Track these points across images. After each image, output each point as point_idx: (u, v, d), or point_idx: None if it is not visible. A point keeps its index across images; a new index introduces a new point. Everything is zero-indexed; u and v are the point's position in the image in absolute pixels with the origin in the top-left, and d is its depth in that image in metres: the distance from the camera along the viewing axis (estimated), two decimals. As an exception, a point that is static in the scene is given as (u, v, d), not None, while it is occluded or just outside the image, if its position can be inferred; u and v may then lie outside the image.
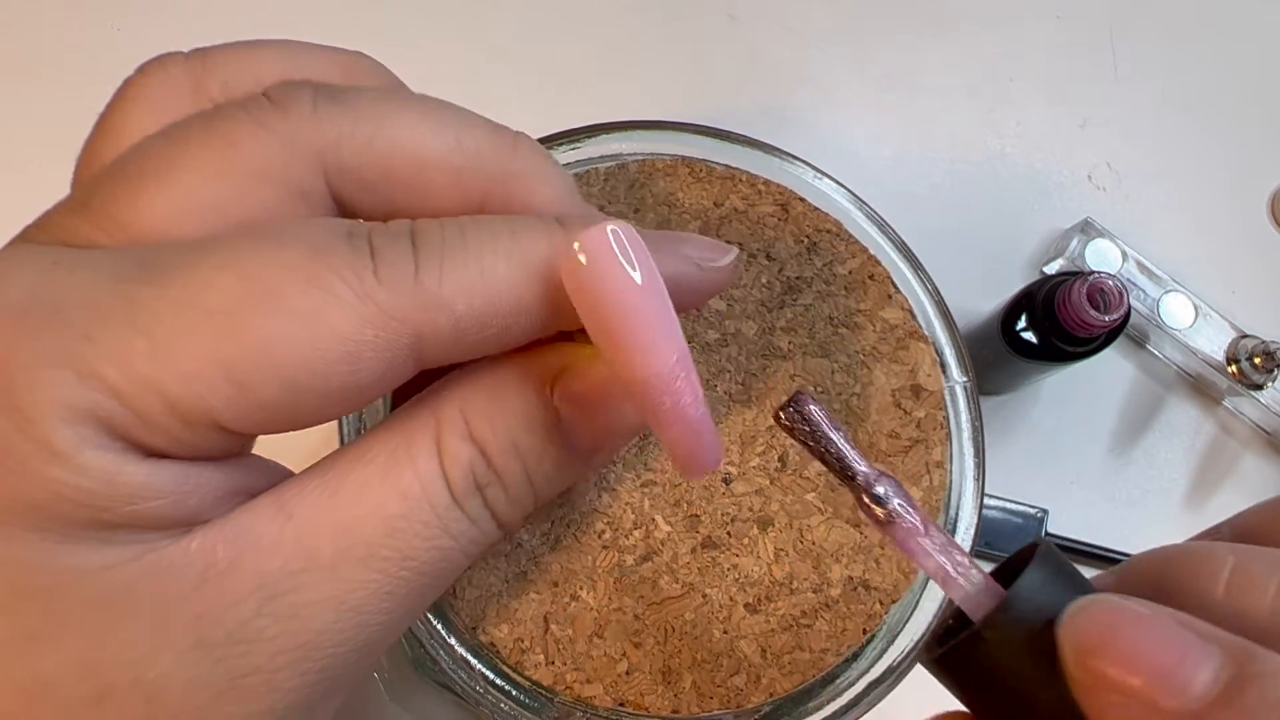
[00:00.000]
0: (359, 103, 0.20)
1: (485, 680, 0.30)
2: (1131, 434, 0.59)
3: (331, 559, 0.18)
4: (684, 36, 0.64)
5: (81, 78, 0.59)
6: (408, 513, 0.19)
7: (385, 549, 0.19)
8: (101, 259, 0.18)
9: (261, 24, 0.61)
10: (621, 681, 0.30)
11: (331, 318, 0.17)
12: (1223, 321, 0.58)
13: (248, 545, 0.18)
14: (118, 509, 0.17)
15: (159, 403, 0.17)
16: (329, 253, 0.18)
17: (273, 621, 0.18)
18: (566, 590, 0.31)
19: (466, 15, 0.63)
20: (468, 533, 0.20)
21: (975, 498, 0.33)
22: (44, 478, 0.16)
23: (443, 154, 0.21)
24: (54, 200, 0.20)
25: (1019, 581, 0.18)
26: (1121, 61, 0.66)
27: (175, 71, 0.22)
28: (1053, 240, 0.61)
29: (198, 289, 0.17)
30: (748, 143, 0.36)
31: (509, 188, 0.21)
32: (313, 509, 0.19)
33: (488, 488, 0.20)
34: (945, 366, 0.34)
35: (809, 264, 0.35)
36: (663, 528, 0.31)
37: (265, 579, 0.18)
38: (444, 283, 0.18)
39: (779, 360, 0.33)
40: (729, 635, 0.30)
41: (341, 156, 0.20)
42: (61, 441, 0.16)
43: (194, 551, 0.18)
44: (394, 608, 0.19)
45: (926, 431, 0.33)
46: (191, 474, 0.18)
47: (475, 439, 0.20)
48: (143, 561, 0.17)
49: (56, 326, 0.17)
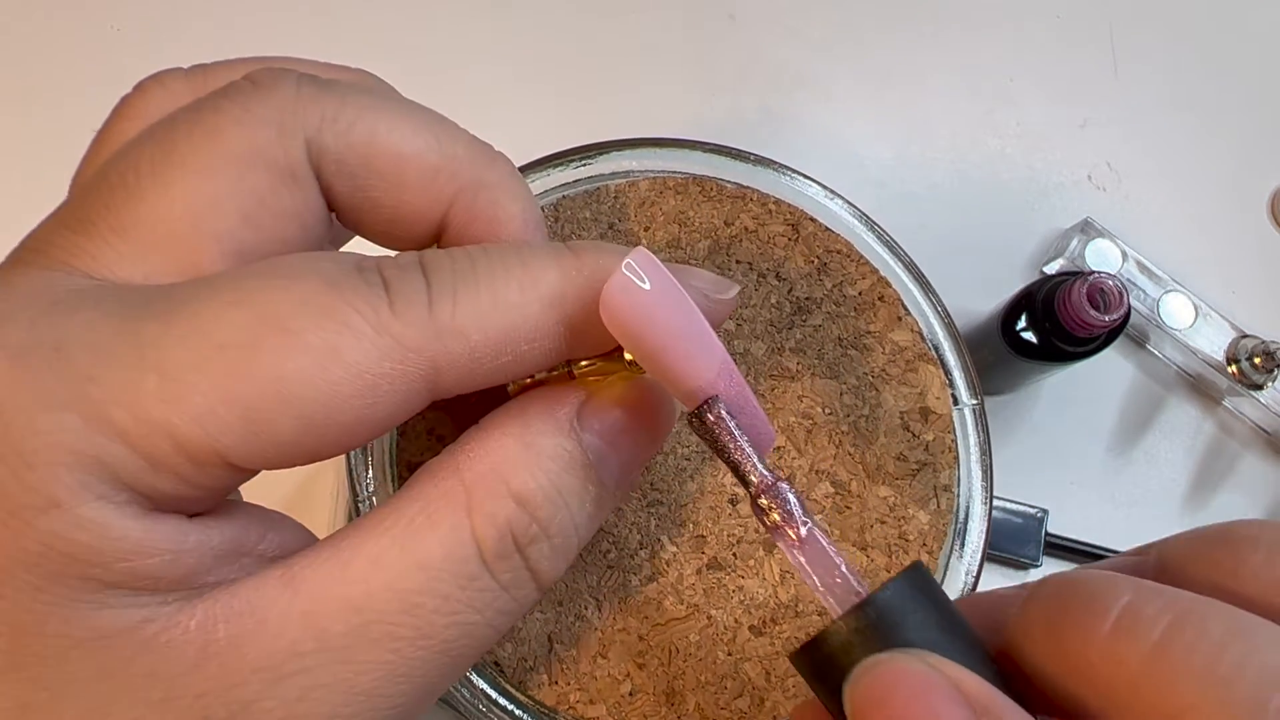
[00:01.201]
0: (343, 92, 0.20)
1: (487, 699, 0.30)
2: (1131, 434, 0.59)
3: (342, 639, 0.17)
4: (684, 37, 0.64)
5: (81, 78, 0.59)
6: (426, 587, 0.18)
7: (401, 628, 0.18)
8: (105, 295, 0.18)
9: (262, 25, 0.61)
10: (625, 703, 0.30)
11: (348, 352, 0.17)
12: (1223, 321, 0.58)
13: (252, 622, 0.17)
14: (113, 565, 0.16)
15: (168, 444, 0.16)
16: (343, 286, 0.18)
17: (279, 704, 0.17)
18: (571, 609, 0.31)
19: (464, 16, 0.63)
20: (495, 603, 0.19)
21: (982, 521, 0.33)
22: (38, 529, 0.16)
23: (421, 151, 0.21)
24: (52, 200, 0.20)
25: (873, 594, 0.18)
26: (1121, 61, 0.66)
27: (175, 87, 0.22)
28: (1053, 240, 0.61)
29: (208, 324, 0.17)
30: (759, 161, 0.36)
31: (479, 196, 0.21)
32: (323, 583, 0.18)
33: (530, 545, 0.19)
34: (954, 389, 0.34)
35: (819, 285, 0.35)
36: (668, 548, 0.31)
37: (271, 660, 0.17)
38: (458, 313, 0.18)
39: (787, 381, 0.33)
40: (733, 657, 0.30)
41: (324, 139, 0.20)
42: (63, 490, 0.16)
43: (193, 628, 0.17)
44: (409, 690, 0.18)
45: (935, 455, 0.33)
46: (191, 532, 0.17)
47: (517, 492, 0.19)
48: (140, 633, 0.17)
49: (58, 367, 0.16)
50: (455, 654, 0.19)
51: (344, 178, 0.21)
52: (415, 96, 0.23)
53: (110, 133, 0.21)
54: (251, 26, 0.61)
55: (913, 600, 0.19)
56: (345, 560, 0.18)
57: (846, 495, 0.32)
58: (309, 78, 0.20)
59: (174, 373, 0.16)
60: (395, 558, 0.18)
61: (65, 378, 0.16)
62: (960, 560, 0.32)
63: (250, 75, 0.20)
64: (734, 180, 0.36)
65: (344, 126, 0.20)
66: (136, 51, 0.60)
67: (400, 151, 0.21)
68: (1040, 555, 0.53)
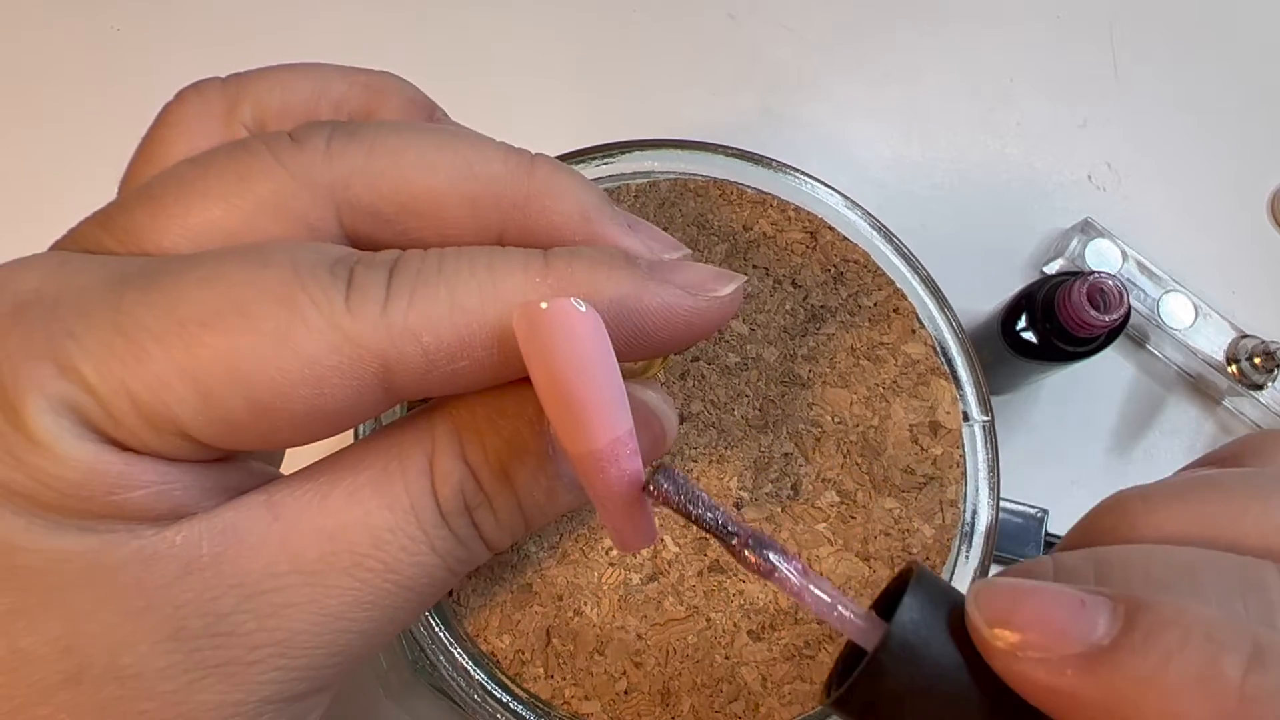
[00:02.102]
0: (372, 137, 0.21)
1: (483, 690, 0.30)
2: (1132, 434, 0.59)
3: (315, 564, 0.19)
4: (684, 37, 0.64)
5: (82, 78, 0.59)
6: (394, 526, 0.19)
7: (370, 559, 0.19)
8: (108, 262, 0.19)
9: (263, 26, 0.61)
10: (620, 700, 0.30)
11: (297, 340, 0.18)
12: (1223, 321, 0.58)
13: (233, 541, 0.18)
14: (99, 498, 0.17)
15: (127, 403, 0.17)
16: (307, 277, 0.18)
17: (251, 618, 0.18)
18: (570, 605, 0.31)
19: (459, 15, 0.63)
20: (454, 551, 0.21)
21: (987, 539, 0.33)
22: (28, 464, 0.17)
23: (456, 183, 0.21)
24: (54, 192, 0.21)
25: (902, 603, 0.19)
26: (1121, 61, 0.66)
27: (211, 97, 0.23)
28: (1053, 240, 0.61)
29: (177, 298, 0.18)
30: (780, 167, 0.36)
31: (528, 209, 0.22)
32: (301, 512, 0.19)
33: (477, 509, 0.21)
34: (965, 405, 0.34)
35: (834, 293, 0.35)
36: (671, 548, 0.31)
37: (248, 576, 0.18)
38: (411, 314, 0.18)
39: (798, 388, 0.33)
40: (730, 661, 0.30)
41: (354, 192, 0.20)
42: (41, 430, 0.17)
43: (178, 544, 0.18)
44: (375, 618, 0.20)
45: (942, 469, 0.33)
46: (175, 469, 0.18)
47: (467, 460, 0.20)
48: (126, 549, 0.18)
49: (46, 320, 0.17)
50: (417, 590, 0.20)
51: (384, 226, 0.21)
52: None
53: (151, 138, 0.23)
54: (252, 27, 0.61)
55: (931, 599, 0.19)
56: (324, 493, 0.19)
57: (852, 505, 0.32)
58: (341, 129, 0.21)
59: (139, 339, 0.17)
60: (368, 495, 0.19)
61: (51, 331, 0.17)
62: (964, 576, 0.32)
63: (292, 132, 0.21)
64: (754, 185, 0.36)
65: (373, 178, 0.21)
66: (136, 51, 0.60)
67: (434, 189, 0.21)
68: (1040, 555, 0.53)
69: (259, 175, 0.20)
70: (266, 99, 0.23)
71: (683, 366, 0.33)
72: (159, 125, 0.23)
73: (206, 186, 0.20)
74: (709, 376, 0.33)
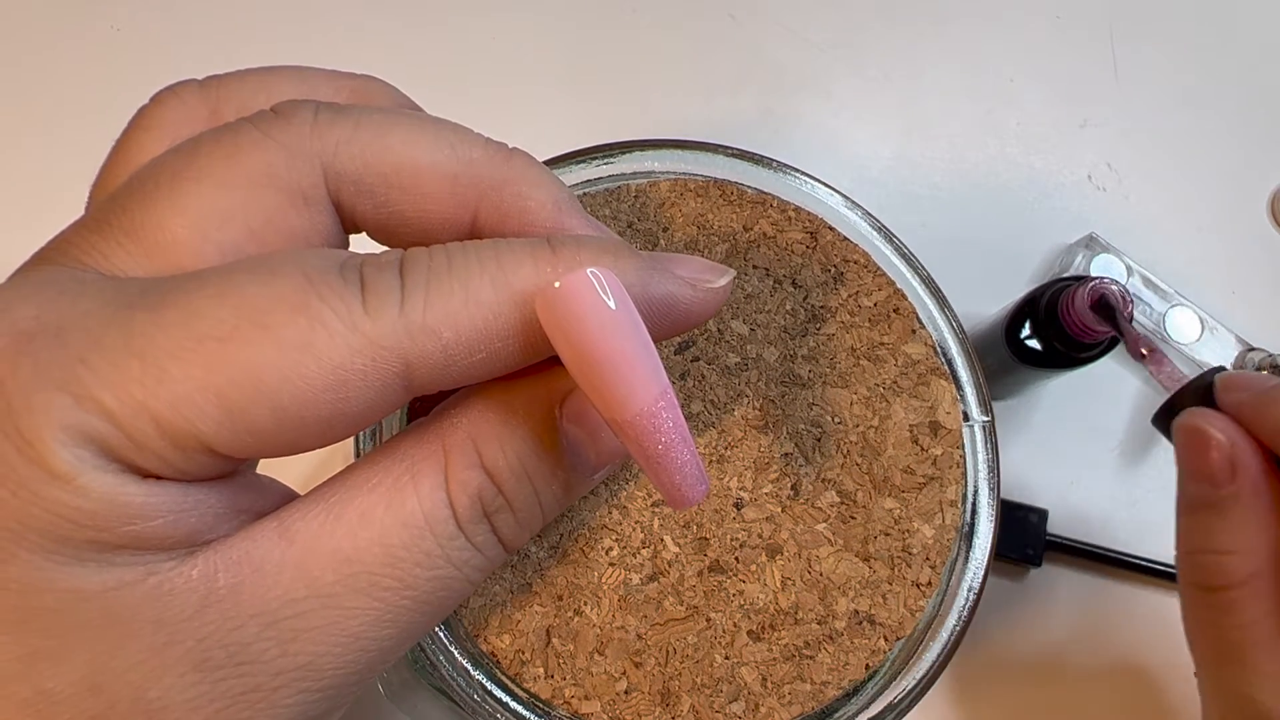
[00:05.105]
0: (358, 115, 0.21)
1: (483, 690, 0.30)
2: (1132, 437, 0.59)
3: (332, 587, 0.19)
4: (684, 37, 0.64)
5: (81, 78, 0.59)
6: (410, 543, 0.19)
7: (387, 579, 0.19)
8: (105, 285, 0.18)
9: (262, 27, 0.61)
10: (620, 700, 0.30)
11: (320, 347, 0.18)
12: (1229, 335, 0.58)
13: (249, 571, 0.18)
14: (117, 529, 0.17)
15: (150, 426, 0.17)
16: (320, 283, 0.18)
17: (273, 644, 0.18)
18: (570, 605, 0.31)
19: (459, 18, 0.63)
20: (471, 560, 0.20)
21: (988, 538, 0.33)
22: (45, 499, 0.17)
23: (438, 161, 0.21)
24: (51, 195, 0.20)
25: None
26: (1121, 61, 0.66)
27: (190, 99, 0.22)
28: (1056, 253, 0.61)
29: (191, 316, 0.17)
30: (781, 168, 0.36)
31: (503, 193, 0.22)
32: (315, 535, 0.19)
33: (496, 514, 0.21)
34: (965, 405, 0.34)
35: (834, 294, 0.35)
36: (671, 548, 0.31)
37: (267, 605, 0.18)
38: (429, 311, 0.18)
39: (798, 388, 0.33)
40: (730, 661, 0.30)
41: (340, 161, 0.21)
42: (60, 464, 0.16)
43: (195, 578, 0.18)
44: (394, 634, 0.20)
45: (942, 469, 0.33)
46: (190, 494, 0.18)
47: (486, 466, 0.20)
48: (145, 585, 0.18)
49: (55, 350, 0.17)
50: (434, 604, 0.20)
51: (365, 197, 0.21)
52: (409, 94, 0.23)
53: (127, 142, 0.22)
54: (252, 28, 0.61)
55: None
56: (336, 514, 0.19)
57: (852, 505, 0.32)
58: (327, 105, 0.21)
59: (156, 360, 0.17)
60: (381, 514, 0.19)
61: (61, 359, 0.17)
62: (964, 575, 0.32)
63: (274, 106, 0.21)
64: (755, 185, 0.36)
65: (359, 148, 0.21)
66: (136, 51, 0.60)
67: (416, 163, 0.21)
68: (1041, 555, 0.53)
69: (248, 150, 0.20)
70: (251, 103, 0.23)
71: (683, 367, 0.33)
72: (134, 129, 0.22)
73: (198, 171, 0.20)
74: (709, 376, 0.33)
